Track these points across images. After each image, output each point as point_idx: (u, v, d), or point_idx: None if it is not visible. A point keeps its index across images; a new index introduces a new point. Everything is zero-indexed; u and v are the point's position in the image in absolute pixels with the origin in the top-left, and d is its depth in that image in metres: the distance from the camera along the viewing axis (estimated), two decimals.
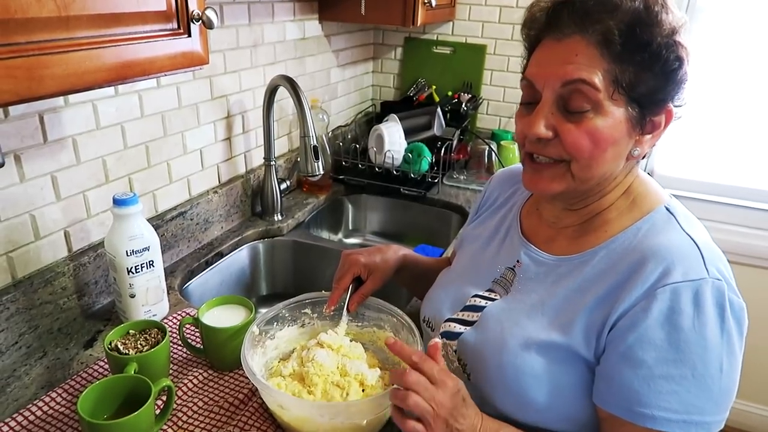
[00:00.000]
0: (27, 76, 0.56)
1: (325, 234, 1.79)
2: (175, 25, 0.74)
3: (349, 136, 2.02)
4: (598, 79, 0.66)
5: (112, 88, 1.09)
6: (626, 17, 0.66)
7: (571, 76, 0.67)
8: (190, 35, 0.76)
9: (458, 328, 0.82)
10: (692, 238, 0.68)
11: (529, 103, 0.73)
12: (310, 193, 1.74)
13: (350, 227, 1.89)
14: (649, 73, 0.67)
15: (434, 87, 2.15)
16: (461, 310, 0.83)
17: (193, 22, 0.75)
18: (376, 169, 1.82)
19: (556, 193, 0.73)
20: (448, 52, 2.11)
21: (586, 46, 0.67)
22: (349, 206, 1.87)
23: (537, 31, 0.73)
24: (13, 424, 0.83)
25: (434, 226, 1.78)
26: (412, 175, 1.79)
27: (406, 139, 1.83)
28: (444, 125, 1.93)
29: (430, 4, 1.66)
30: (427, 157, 1.77)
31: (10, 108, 0.90)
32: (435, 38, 2.13)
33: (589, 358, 0.69)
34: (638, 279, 0.66)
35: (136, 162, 1.18)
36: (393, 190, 1.79)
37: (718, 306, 0.64)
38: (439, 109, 1.91)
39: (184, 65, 0.76)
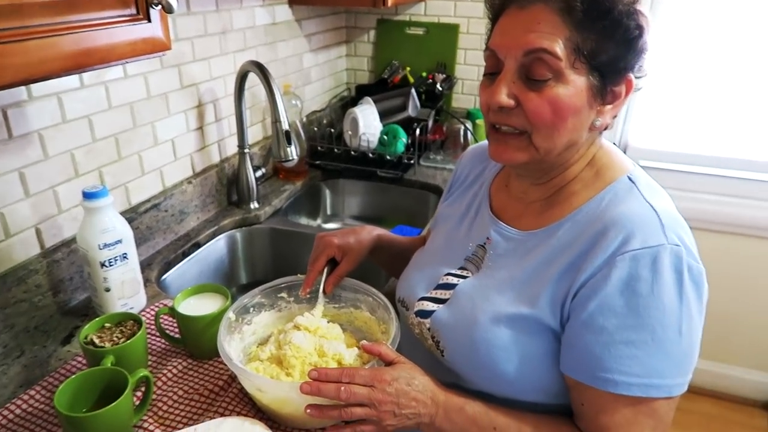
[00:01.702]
0: None
1: (303, 220, 1.79)
2: (134, 11, 0.72)
3: (325, 121, 2.01)
4: (559, 48, 0.67)
5: (78, 80, 1.07)
6: None
7: (533, 45, 0.67)
8: (150, 20, 0.74)
9: (431, 306, 0.83)
10: (652, 206, 0.69)
11: (493, 73, 0.73)
12: (286, 180, 1.74)
13: (329, 212, 1.89)
14: (610, 41, 0.68)
15: (408, 68, 2.14)
16: (434, 289, 0.85)
17: (153, 7, 0.74)
18: (352, 152, 1.82)
19: (521, 163, 0.74)
20: (421, 32, 2.11)
21: (549, 13, 0.67)
22: (327, 191, 1.87)
23: (499, 1, 0.73)
24: None
25: (413, 207, 1.79)
26: (389, 158, 1.79)
27: (381, 121, 1.82)
28: (419, 106, 1.93)
29: None
30: (403, 139, 1.77)
31: None
32: (408, 19, 2.12)
33: (556, 328, 0.71)
34: (600, 248, 0.68)
35: (106, 155, 1.17)
36: (370, 173, 1.80)
37: (676, 271, 0.65)
38: (413, 90, 1.91)
39: (146, 51, 0.75)
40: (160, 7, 0.74)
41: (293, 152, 1.29)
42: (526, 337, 0.72)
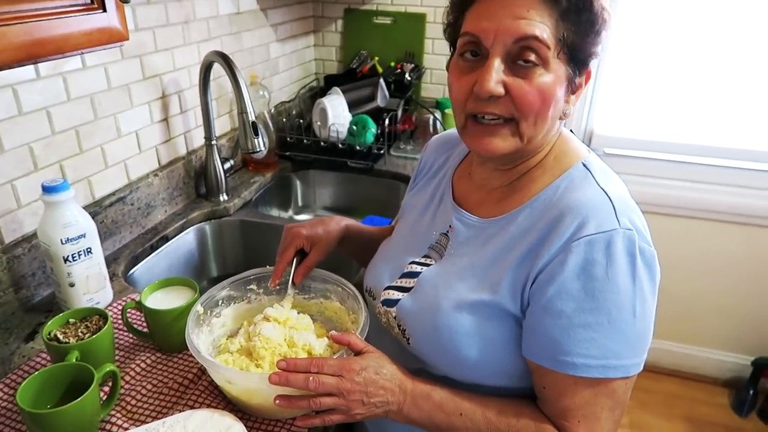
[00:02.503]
0: None
1: (274, 212, 1.78)
2: (88, 0, 0.71)
3: (294, 112, 1.99)
4: (548, 37, 0.67)
5: (33, 71, 1.04)
6: None
7: (524, 33, 0.67)
8: (105, 10, 0.73)
9: (396, 295, 0.84)
10: (606, 192, 0.71)
11: (469, 59, 0.72)
12: (256, 172, 1.72)
13: (300, 204, 1.88)
14: (587, 33, 0.70)
15: (377, 58, 2.14)
16: (399, 278, 0.85)
17: None
18: (322, 143, 1.81)
19: (505, 153, 0.73)
20: (389, 22, 2.10)
21: (536, 1, 0.67)
22: (297, 182, 1.86)
23: None
24: None
25: (383, 197, 1.79)
26: (358, 148, 1.79)
27: (350, 111, 1.82)
28: (388, 96, 1.93)
29: None
30: (372, 129, 1.77)
31: None
32: (375, 8, 2.11)
33: (517, 313, 0.73)
34: (556, 234, 0.69)
35: (66, 148, 1.14)
36: (340, 163, 1.79)
37: (629, 254, 0.67)
38: (382, 80, 1.91)
39: (102, 42, 0.74)
40: None
41: (260, 144, 1.28)
42: (487, 323, 0.74)
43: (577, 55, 0.71)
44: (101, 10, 0.72)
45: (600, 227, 0.68)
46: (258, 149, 1.29)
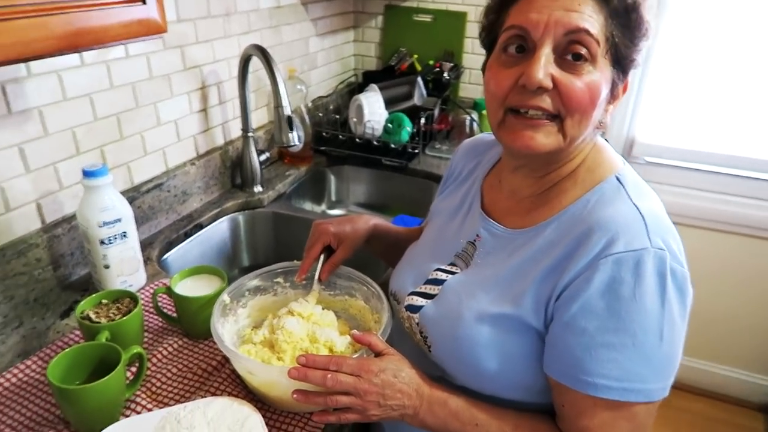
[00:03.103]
0: None
1: (308, 205, 1.79)
2: None
3: (331, 107, 2.00)
4: (598, 32, 0.65)
5: (78, 58, 1.07)
6: None
7: (576, 25, 0.65)
8: (145, 2, 0.75)
9: (420, 301, 0.83)
10: (638, 209, 0.68)
11: (513, 54, 0.69)
12: (291, 165, 1.74)
13: (333, 198, 1.89)
14: (631, 37, 0.68)
15: (416, 56, 2.13)
16: (423, 284, 0.85)
17: None
18: (357, 140, 1.81)
19: (547, 151, 0.70)
20: (429, 19, 2.09)
21: None
22: (332, 177, 1.87)
23: None
24: None
25: (416, 196, 1.78)
26: (393, 146, 1.78)
27: (386, 109, 1.82)
28: (425, 95, 1.92)
29: None
30: (408, 128, 1.77)
31: None
32: (416, 5, 2.10)
33: (540, 328, 0.71)
34: (584, 250, 0.67)
35: (107, 134, 1.17)
36: (375, 160, 1.79)
37: (659, 275, 0.64)
38: (419, 79, 1.89)
39: (141, 33, 0.75)
40: None
41: (295, 138, 1.29)
42: (508, 336, 0.72)
43: (622, 58, 0.69)
44: (141, 3, 0.74)
45: (629, 245, 0.65)
46: (292, 143, 1.30)
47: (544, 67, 0.65)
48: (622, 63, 0.69)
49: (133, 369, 0.88)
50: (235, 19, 1.48)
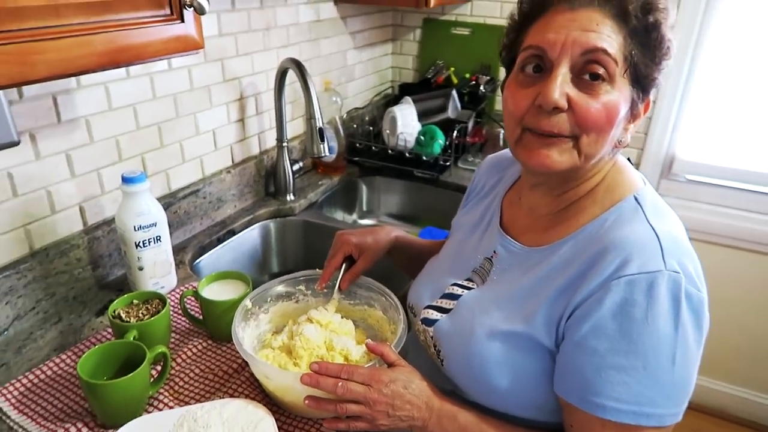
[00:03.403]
0: (19, 61, 0.60)
1: (339, 215, 1.83)
2: (168, 12, 0.77)
3: (367, 118, 2.04)
4: (616, 52, 0.66)
5: (124, 71, 1.14)
6: None
7: (594, 45, 0.65)
8: (183, 21, 0.79)
9: (435, 315, 0.84)
10: (654, 230, 0.67)
11: (531, 74, 0.70)
12: (324, 175, 1.78)
13: (364, 208, 1.92)
14: (653, 56, 0.68)
15: (452, 69, 2.14)
16: (440, 298, 0.86)
17: (186, 8, 0.78)
18: (390, 151, 1.84)
19: (562, 170, 0.70)
20: (467, 33, 2.10)
21: (604, 17, 0.66)
22: (364, 188, 1.89)
23: None
24: (25, 381, 0.90)
25: (446, 208, 1.78)
26: (425, 158, 1.80)
27: (420, 121, 1.83)
28: (459, 108, 1.92)
29: None
30: (440, 140, 1.78)
31: (24, 89, 0.96)
32: (454, 19, 2.11)
33: (551, 347, 0.70)
34: (597, 270, 0.67)
35: (148, 142, 1.24)
36: (407, 172, 1.81)
37: (674, 298, 0.63)
38: (454, 92, 1.90)
39: (179, 49, 0.79)
40: (192, 8, 0.78)
41: (325, 149, 1.32)
42: (519, 354, 0.72)
43: (642, 77, 0.68)
44: (180, 21, 0.78)
45: (643, 267, 0.64)
46: (323, 154, 1.33)
47: (560, 87, 0.66)
48: (642, 82, 0.69)
49: (159, 368, 0.92)
50: (274, 33, 1.53)
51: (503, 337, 0.73)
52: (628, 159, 0.82)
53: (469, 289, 0.83)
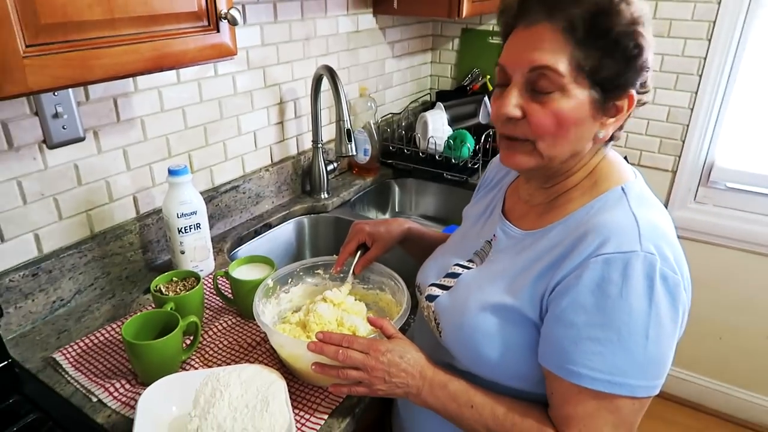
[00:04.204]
0: (80, 65, 0.73)
1: (372, 214, 1.92)
2: (206, 23, 0.89)
3: (403, 123, 2.13)
4: (562, 65, 0.72)
5: (175, 76, 1.28)
6: (590, 7, 0.72)
7: (538, 62, 0.72)
8: (219, 31, 0.91)
9: (437, 291, 0.91)
10: (635, 216, 0.73)
11: (502, 86, 0.78)
12: (358, 176, 1.88)
13: (396, 209, 2.01)
14: (609, 59, 0.73)
15: (488, 77, 2.20)
16: (443, 277, 0.93)
17: (221, 20, 0.90)
18: (421, 154, 1.92)
19: (528, 168, 0.79)
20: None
21: (552, 32, 0.72)
22: (396, 188, 1.98)
23: (510, 19, 0.78)
24: (81, 344, 1.04)
25: None
26: (454, 161, 1.87)
27: (452, 126, 1.91)
28: (491, 114, 1.98)
29: None
30: (469, 144, 1.84)
31: (90, 91, 1.11)
32: (491, 29, 2.18)
33: (536, 320, 0.76)
34: (578, 250, 0.73)
35: (195, 141, 1.38)
36: (438, 174, 1.89)
37: (647, 277, 0.68)
38: (486, 98, 1.97)
39: (213, 56, 0.91)
40: (226, 20, 0.90)
41: (352, 149, 1.43)
42: (508, 326, 0.79)
43: (603, 79, 0.73)
44: (216, 31, 0.91)
45: (620, 248, 0.70)
46: (350, 153, 1.43)
47: (513, 99, 0.75)
48: (606, 84, 0.74)
49: (191, 338, 1.04)
50: (314, 43, 1.65)
51: (493, 310, 0.80)
52: (625, 157, 0.87)
53: (468, 268, 0.90)
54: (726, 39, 1.80)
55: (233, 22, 0.91)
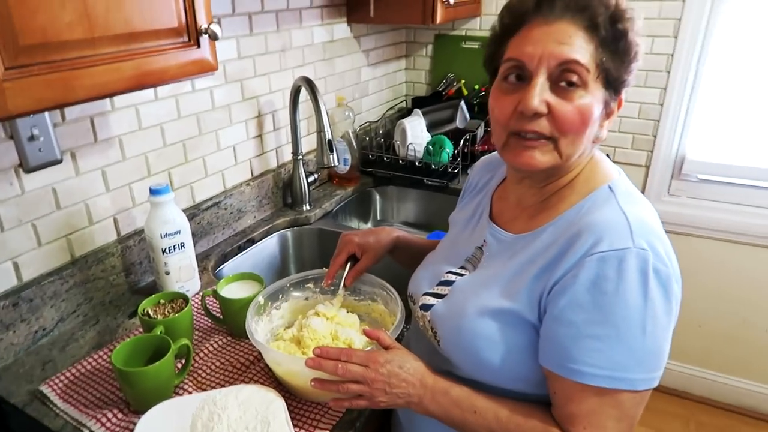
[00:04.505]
0: (62, 86, 0.71)
1: (354, 223, 1.91)
2: (186, 39, 0.87)
3: (381, 131, 2.13)
4: (588, 61, 0.73)
5: (153, 93, 1.25)
6: (609, 9, 0.74)
7: (567, 57, 0.72)
8: (199, 46, 0.89)
9: (432, 300, 0.91)
10: (625, 214, 0.74)
11: (513, 83, 0.77)
12: (338, 186, 1.87)
13: (378, 217, 2.00)
14: (621, 61, 0.75)
15: (463, 81, 2.22)
16: (436, 285, 0.93)
17: (202, 35, 0.89)
18: (401, 161, 1.92)
19: (544, 168, 0.78)
20: (477, 46, 2.18)
21: (577, 29, 0.73)
22: (377, 197, 1.98)
23: (523, 13, 0.77)
24: (68, 374, 1.00)
25: None
26: (434, 167, 1.88)
27: (430, 132, 1.92)
28: (468, 118, 2.00)
29: (449, 2, 1.74)
30: (448, 149, 1.85)
31: (66, 112, 1.08)
32: (464, 34, 2.20)
33: (535, 322, 0.77)
34: (572, 250, 0.73)
35: (174, 158, 1.35)
36: (418, 181, 1.89)
37: (641, 272, 0.69)
38: (462, 103, 1.98)
39: (195, 72, 0.90)
40: (207, 35, 0.89)
41: (334, 159, 1.42)
42: (507, 329, 0.79)
43: (613, 80, 0.76)
44: (196, 46, 0.89)
45: (613, 245, 0.71)
46: (332, 164, 1.42)
47: (539, 95, 0.73)
48: (613, 85, 0.76)
49: (183, 361, 1.01)
50: (290, 54, 1.64)
51: (491, 314, 0.80)
52: (607, 155, 0.89)
53: (461, 275, 0.90)
54: (692, 36, 1.85)
55: (214, 37, 0.89)
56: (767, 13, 1.81)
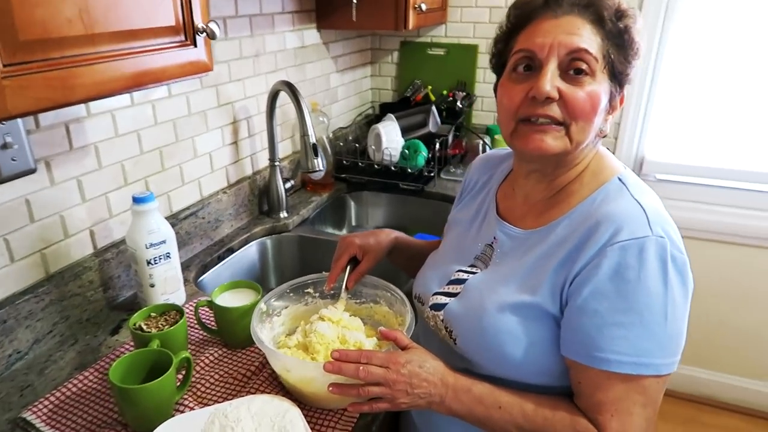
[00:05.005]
0: (62, 85, 0.66)
1: (329, 230, 1.89)
2: (183, 38, 0.84)
3: (350, 137, 2.12)
4: (596, 51, 0.76)
5: (129, 99, 1.20)
6: (613, 6, 0.78)
7: (577, 45, 0.75)
8: (196, 45, 0.86)
9: (444, 299, 0.91)
10: (640, 203, 0.77)
11: (522, 73, 0.79)
12: (314, 192, 1.85)
13: (353, 223, 1.99)
14: (625, 55, 0.79)
15: (430, 87, 2.25)
16: (446, 284, 0.93)
17: (198, 34, 0.86)
18: (376, 166, 1.92)
19: (556, 153, 0.79)
20: (442, 53, 2.21)
21: (584, 22, 0.77)
22: (352, 203, 1.97)
23: (531, 10, 0.80)
24: (52, 398, 0.93)
25: (432, 217, 1.87)
26: (410, 171, 1.88)
27: (403, 136, 1.92)
28: (439, 123, 2.02)
29: (421, 9, 1.76)
30: (423, 153, 1.87)
31: (40, 119, 1.01)
32: (429, 41, 2.23)
33: (556, 314, 0.78)
34: (593, 240, 0.75)
35: (151, 166, 1.29)
36: (392, 185, 1.89)
37: (661, 260, 0.72)
38: (434, 108, 2.01)
39: (191, 72, 0.87)
40: (204, 34, 0.86)
41: (320, 164, 1.40)
42: (529, 323, 0.79)
43: (617, 73, 0.79)
44: (193, 46, 0.86)
45: (633, 234, 0.73)
46: (318, 169, 1.40)
47: (551, 81, 0.76)
48: (618, 77, 0.80)
49: (180, 376, 0.96)
50: (263, 59, 1.61)
51: (513, 309, 0.80)
52: (608, 148, 0.92)
53: (473, 273, 0.90)
54: (648, 41, 1.95)
55: (212, 36, 0.86)
56: (720, 16, 1.93)
